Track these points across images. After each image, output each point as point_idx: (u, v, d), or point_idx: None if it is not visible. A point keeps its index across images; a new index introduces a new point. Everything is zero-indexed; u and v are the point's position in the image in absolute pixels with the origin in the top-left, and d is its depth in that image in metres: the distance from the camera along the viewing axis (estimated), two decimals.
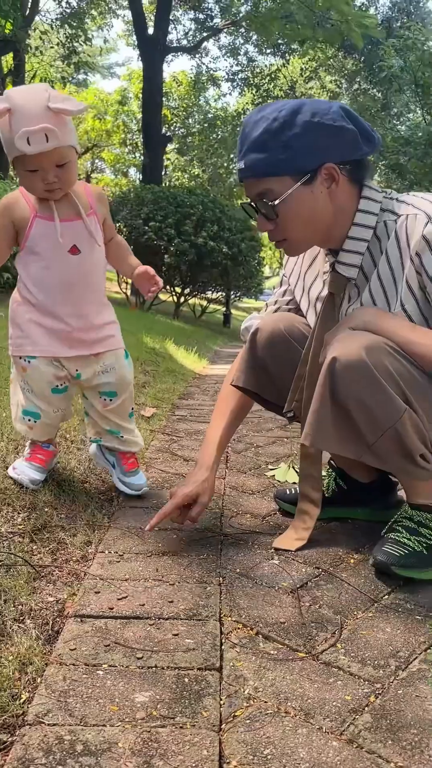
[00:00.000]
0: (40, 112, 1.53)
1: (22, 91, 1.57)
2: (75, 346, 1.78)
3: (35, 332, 1.75)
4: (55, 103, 1.54)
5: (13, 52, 14.02)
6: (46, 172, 1.60)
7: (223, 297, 13.21)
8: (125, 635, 1.24)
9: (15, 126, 1.53)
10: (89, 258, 1.75)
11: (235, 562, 1.59)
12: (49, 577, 1.44)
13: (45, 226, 1.69)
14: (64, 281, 1.73)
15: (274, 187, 1.51)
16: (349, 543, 1.76)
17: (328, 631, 1.31)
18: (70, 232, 1.71)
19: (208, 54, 29.78)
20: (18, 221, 1.71)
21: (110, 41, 29.98)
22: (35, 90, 1.57)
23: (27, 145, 1.53)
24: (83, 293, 1.76)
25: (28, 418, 1.83)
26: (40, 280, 1.73)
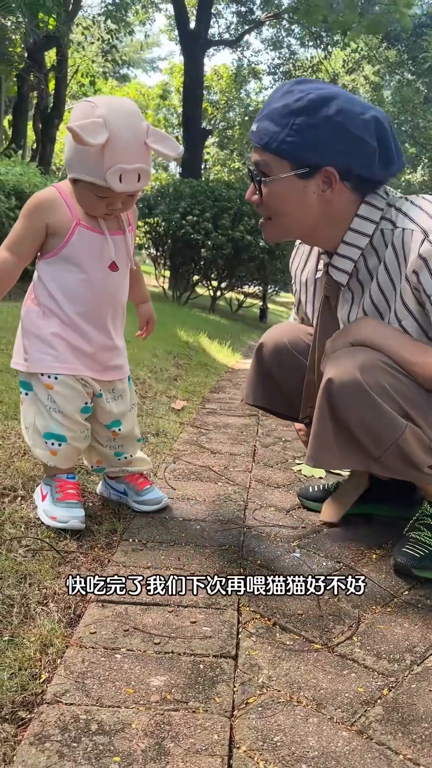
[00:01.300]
0: (138, 147, 1.43)
1: (120, 116, 1.42)
2: (93, 368, 1.64)
3: (61, 347, 1.58)
4: (154, 143, 1.45)
5: (56, 48, 14.19)
6: (117, 200, 1.51)
7: (260, 291, 13.19)
8: (144, 621, 1.26)
9: (109, 157, 1.40)
10: (124, 276, 1.65)
11: (256, 554, 1.60)
12: (74, 563, 1.47)
13: (89, 237, 1.55)
14: (100, 297, 1.59)
15: (271, 164, 1.47)
16: (372, 539, 1.76)
17: (345, 624, 1.32)
18: (114, 246, 1.59)
19: (249, 47, 29.66)
20: (54, 224, 1.54)
21: (152, 36, 30.09)
22: (133, 117, 1.44)
23: (118, 183, 1.42)
24: (113, 311, 1.65)
25: (51, 442, 1.61)
26: (75, 294, 1.57)
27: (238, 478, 2.18)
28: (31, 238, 1.57)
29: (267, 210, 1.54)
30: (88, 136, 1.36)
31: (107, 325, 1.64)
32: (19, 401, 1.71)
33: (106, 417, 1.70)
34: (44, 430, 1.61)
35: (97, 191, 1.47)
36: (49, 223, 1.54)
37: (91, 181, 1.45)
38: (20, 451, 1.99)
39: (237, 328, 9.96)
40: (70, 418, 1.60)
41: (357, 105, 1.44)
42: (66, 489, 1.65)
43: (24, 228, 1.56)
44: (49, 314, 1.59)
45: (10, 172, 6.14)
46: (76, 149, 1.43)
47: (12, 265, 1.57)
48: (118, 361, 1.70)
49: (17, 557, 1.43)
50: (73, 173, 1.48)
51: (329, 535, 1.76)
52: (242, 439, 2.76)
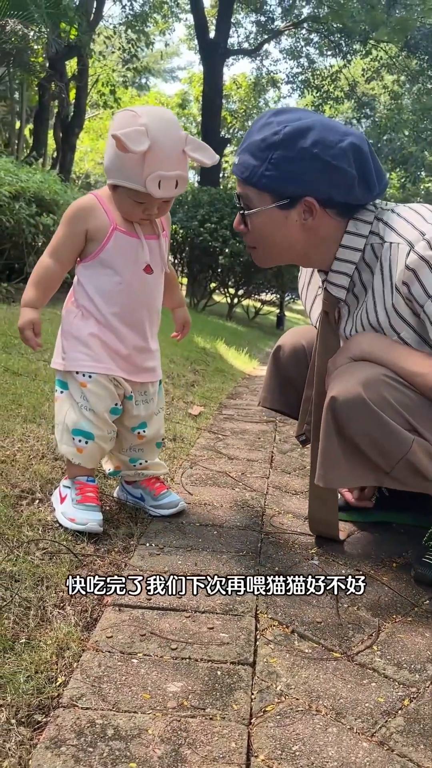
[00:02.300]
0: (176, 155, 1.49)
1: (161, 125, 1.47)
2: (128, 370, 1.67)
3: (97, 347, 1.63)
4: (192, 151, 1.51)
5: (77, 57, 14.34)
6: (153, 206, 1.56)
7: (277, 299, 13.18)
8: (161, 626, 1.25)
9: (149, 164, 1.45)
10: (158, 279, 1.68)
11: (273, 561, 1.59)
12: (91, 566, 1.47)
13: (125, 241, 1.60)
14: (135, 299, 1.64)
15: (252, 197, 1.51)
16: (393, 547, 1.73)
17: (365, 632, 1.30)
18: (148, 251, 1.63)
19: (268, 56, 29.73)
20: (93, 230, 1.60)
21: (172, 45, 30.32)
22: (172, 126, 1.50)
23: (157, 189, 1.47)
24: (148, 314, 1.68)
25: (78, 439, 1.64)
26: (111, 295, 1.61)
27: (255, 484, 2.17)
28: (71, 244, 1.62)
29: (252, 240, 1.58)
30: (131, 144, 1.41)
31: (142, 327, 1.67)
32: (44, 402, 1.72)
33: (134, 420, 1.73)
34: (73, 426, 1.64)
35: (135, 197, 1.52)
36: (88, 229, 1.60)
37: (131, 188, 1.50)
38: (38, 454, 1.99)
39: (254, 335, 9.94)
40: (99, 416, 1.64)
41: (334, 133, 1.45)
42: (86, 492, 1.65)
43: (64, 235, 1.62)
44: (87, 315, 1.63)
45: (31, 180, 6.18)
46: (117, 156, 1.48)
47: (55, 271, 1.64)
48: (151, 363, 1.73)
49: (34, 560, 1.42)
50: (112, 179, 1.54)
51: (349, 543, 1.74)
52: (260, 445, 2.74)
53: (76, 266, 1.67)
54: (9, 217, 5.36)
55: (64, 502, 1.66)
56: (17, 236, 5.57)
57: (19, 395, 2.47)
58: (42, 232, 5.89)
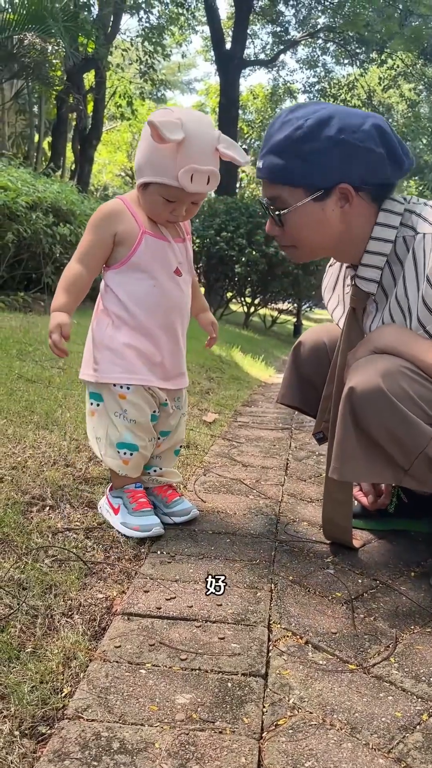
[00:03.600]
0: (210, 152, 1.50)
1: (195, 121, 1.50)
2: (164, 378, 1.67)
3: (132, 357, 1.61)
4: (225, 149, 1.53)
5: (94, 70, 14.49)
6: (182, 205, 1.56)
7: (294, 307, 13.13)
8: (171, 636, 1.22)
9: (183, 157, 1.47)
10: (187, 282, 1.69)
11: (288, 569, 1.55)
12: (101, 574, 1.44)
13: (155, 244, 1.60)
14: (169, 302, 1.63)
15: (285, 195, 1.48)
16: (411, 556, 1.68)
17: (382, 644, 1.25)
18: (177, 252, 1.65)
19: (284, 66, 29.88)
20: (122, 234, 1.58)
21: (188, 57, 30.54)
22: (206, 124, 1.53)
23: (189, 183, 1.48)
24: (180, 317, 1.68)
25: (124, 452, 1.64)
26: (146, 299, 1.60)
27: (269, 492, 2.13)
28: (99, 249, 1.61)
29: (290, 239, 1.54)
30: (167, 131, 1.42)
31: (175, 330, 1.67)
32: (57, 409, 1.70)
33: (161, 425, 1.74)
34: (117, 440, 1.64)
35: (167, 194, 1.53)
36: (117, 233, 1.58)
37: (162, 182, 1.50)
38: (50, 460, 1.97)
39: (270, 343, 9.91)
40: (142, 426, 1.65)
41: (354, 117, 1.44)
42: (138, 498, 1.68)
43: (92, 240, 1.60)
44: (119, 324, 1.61)
45: (48, 190, 6.22)
46: (151, 151, 1.50)
47: (84, 276, 1.61)
48: (183, 368, 1.74)
49: (43, 567, 1.40)
50: (144, 177, 1.54)
51: (365, 551, 1.69)
52: (275, 452, 2.70)
53: (104, 273, 1.65)
54: (26, 227, 5.40)
55: (119, 513, 1.67)
56: (35, 246, 5.61)
57: (32, 402, 2.46)
58: (59, 242, 5.93)
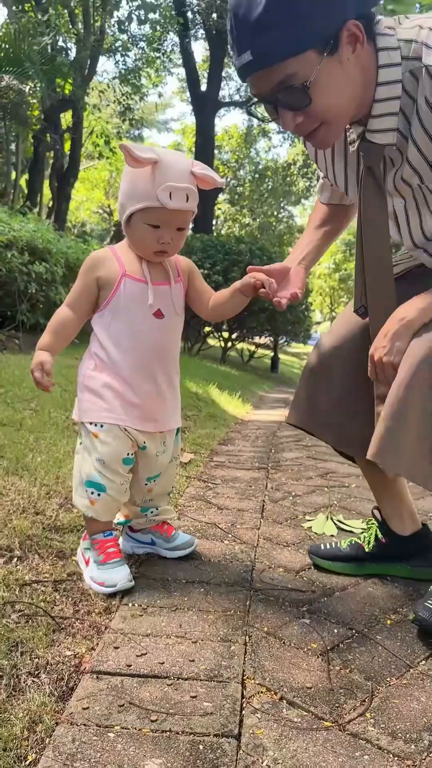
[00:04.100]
0: (185, 172, 1.55)
1: (167, 150, 1.59)
2: (143, 420, 1.66)
3: (109, 397, 1.63)
4: (200, 170, 1.58)
5: (72, 110, 14.71)
6: (166, 231, 1.58)
7: (271, 342, 13.23)
8: (141, 695, 1.18)
9: (159, 178, 1.52)
10: (170, 324, 1.68)
11: (263, 620, 1.52)
12: (69, 630, 1.39)
13: (134, 286, 1.63)
14: (143, 344, 1.64)
15: (297, 68, 1.28)
16: (387, 602, 1.66)
17: (358, 698, 1.23)
18: (158, 295, 1.64)
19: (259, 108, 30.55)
20: (104, 278, 1.64)
21: (165, 98, 31.17)
22: (180, 154, 1.62)
23: (169, 200, 1.52)
24: (159, 360, 1.67)
25: (91, 491, 1.63)
26: (121, 341, 1.63)
27: (245, 536, 2.10)
28: (85, 294, 1.66)
29: (320, 115, 1.34)
30: (138, 151, 1.49)
31: (154, 374, 1.67)
32: (27, 454, 1.69)
33: (146, 470, 1.74)
34: (86, 477, 1.64)
35: (149, 218, 1.56)
36: (99, 277, 1.64)
37: (144, 206, 1.54)
38: (19, 508, 1.93)
39: (248, 378, 9.94)
40: (110, 467, 1.63)
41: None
42: (106, 549, 1.65)
43: (79, 284, 1.67)
44: (100, 366, 1.65)
45: (23, 229, 6.24)
46: (130, 183, 1.56)
47: (70, 319, 1.67)
48: (166, 413, 1.72)
49: (9, 623, 1.35)
50: (126, 211, 1.58)
51: (341, 599, 1.67)
52: (251, 493, 2.68)
53: (92, 318, 1.70)
54: (1, 265, 5.39)
55: (89, 566, 1.65)
56: (10, 284, 5.59)
57: (2, 446, 2.42)
58: (34, 279, 5.93)
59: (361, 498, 2.73)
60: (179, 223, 1.59)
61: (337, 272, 33.76)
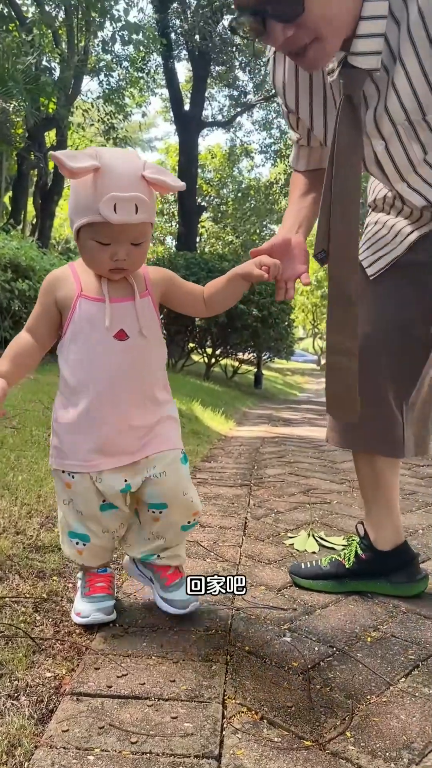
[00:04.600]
0: (133, 178, 1.32)
1: (114, 151, 1.35)
2: (116, 455, 1.47)
3: (72, 440, 1.46)
4: (152, 174, 1.33)
5: (56, 128, 14.78)
6: (119, 247, 1.36)
7: (254, 358, 13.29)
8: (121, 717, 1.17)
9: (101, 188, 1.29)
10: (136, 344, 1.45)
11: (244, 639, 1.52)
12: (49, 651, 1.39)
13: (90, 307, 1.43)
14: (105, 371, 1.43)
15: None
16: (368, 619, 1.67)
17: (338, 717, 1.23)
18: (119, 314, 1.43)
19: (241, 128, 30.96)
20: (61, 301, 1.45)
21: (149, 117, 31.42)
22: (128, 154, 1.37)
23: (113, 213, 1.29)
24: (127, 387, 1.45)
25: (76, 541, 1.53)
26: (78, 370, 1.44)
27: (227, 554, 2.10)
28: (43, 318, 1.48)
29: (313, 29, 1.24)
30: (69, 161, 1.27)
31: (119, 403, 1.45)
32: (8, 473, 1.65)
33: (151, 496, 1.51)
34: (68, 528, 1.54)
35: (95, 234, 1.36)
36: (57, 299, 1.45)
37: (88, 222, 1.33)
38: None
39: (231, 394, 9.95)
40: (89, 518, 1.51)
41: None
42: (95, 583, 1.57)
43: (37, 308, 1.49)
44: (65, 402, 1.48)
45: (6, 246, 6.26)
46: (74, 195, 1.36)
47: (29, 345, 1.48)
48: (141, 440, 1.49)
49: None
50: (74, 225, 1.38)
51: (322, 616, 1.68)
52: (233, 510, 2.68)
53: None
54: None
55: (76, 594, 1.60)
56: None
57: None
58: (17, 296, 5.92)
59: (342, 514, 2.74)
60: (132, 239, 1.37)
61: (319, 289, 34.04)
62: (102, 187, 1.29)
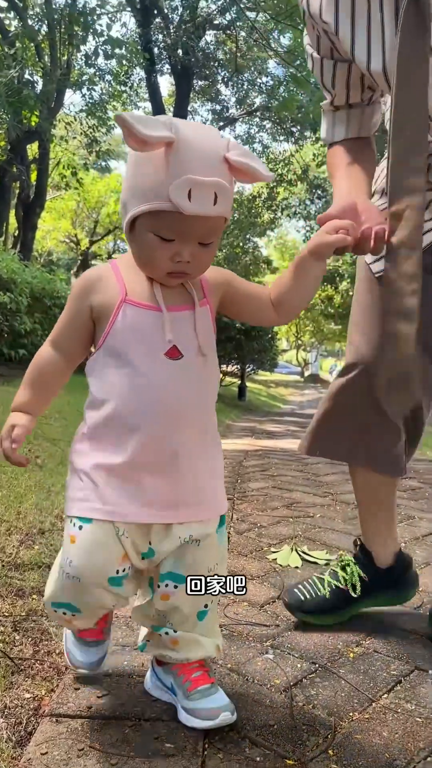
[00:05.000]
0: (214, 160, 1.06)
1: (192, 124, 1.07)
2: (152, 506, 1.14)
3: (102, 481, 1.13)
4: (239, 156, 1.07)
5: (38, 141, 14.78)
6: (184, 246, 1.09)
7: (238, 370, 13.32)
8: (101, 738, 1.16)
9: (175, 167, 1.03)
10: (195, 365, 1.16)
11: (226, 656, 1.51)
12: (29, 671, 1.37)
13: (138, 315, 1.13)
14: (153, 397, 1.12)
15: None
16: (351, 634, 1.67)
17: (320, 735, 1.22)
18: (175, 326, 1.14)
19: None
20: (99, 307, 1.15)
21: None
22: (209, 130, 1.10)
23: (186, 201, 1.03)
24: (179, 418, 1.14)
25: (62, 611, 1.20)
26: (118, 395, 1.13)
27: None
28: (72, 328, 1.19)
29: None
30: (142, 126, 1.00)
31: (171, 438, 1.14)
32: (17, 490, 1.60)
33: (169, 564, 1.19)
34: (54, 598, 1.20)
35: (159, 226, 1.08)
36: (93, 306, 1.16)
37: (151, 209, 1.06)
38: None
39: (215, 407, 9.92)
40: (88, 587, 1.13)
41: None
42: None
43: (65, 316, 1.21)
44: (92, 433, 1.16)
45: None
46: (135, 174, 1.09)
47: (54, 363, 1.21)
48: (195, 492, 1.19)
49: None
50: (128, 213, 1.11)
51: (304, 632, 1.67)
52: None
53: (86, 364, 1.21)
54: None
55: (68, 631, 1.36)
56: None
57: None
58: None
59: (325, 528, 2.74)
60: (202, 236, 1.10)
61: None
62: (176, 166, 1.03)
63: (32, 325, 6.68)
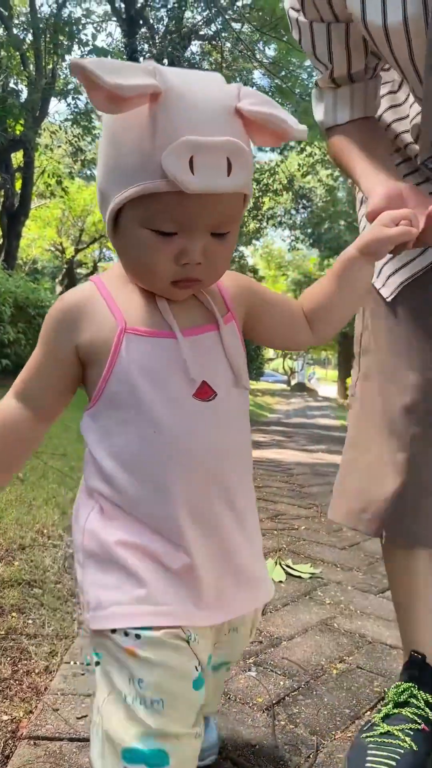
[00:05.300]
0: (222, 113, 0.74)
1: (187, 71, 0.77)
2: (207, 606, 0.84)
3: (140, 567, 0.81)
4: (255, 105, 0.76)
5: (23, 150, 14.76)
6: (191, 239, 0.78)
7: None
8: (80, 761, 1.14)
9: (166, 128, 0.72)
10: (232, 403, 0.87)
11: None
12: (6, 692, 1.34)
13: (147, 347, 0.82)
14: (184, 456, 0.82)
15: None
16: (334, 651, 1.66)
17: (302, 755, 1.21)
18: (198, 355, 0.84)
19: None
20: (88, 345, 0.84)
21: None
22: (211, 75, 0.78)
23: (188, 173, 0.71)
24: (222, 476, 0.85)
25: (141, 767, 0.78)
26: (136, 460, 0.82)
27: None
28: (50, 375, 0.88)
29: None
30: (112, 75, 0.68)
31: (212, 507, 0.84)
32: None
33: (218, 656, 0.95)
34: (126, 743, 0.77)
35: (153, 218, 0.76)
36: (79, 345, 0.84)
37: (138, 193, 0.74)
38: None
39: None
40: (176, 708, 0.78)
41: None
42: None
43: (38, 359, 0.88)
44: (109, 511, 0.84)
45: None
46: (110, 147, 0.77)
47: (20, 419, 0.88)
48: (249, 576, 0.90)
49: None
50: (110, 204, 0.78)
51: (288, 648, 1.66)
52: None
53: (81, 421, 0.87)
54: None
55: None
56: None
57: None
58: None
59: (309, 541, 2.73)
60: (216, 224, 0.79)
61: None
62: (167, 126, 0.72)
63: (16, 335, 6.64)
